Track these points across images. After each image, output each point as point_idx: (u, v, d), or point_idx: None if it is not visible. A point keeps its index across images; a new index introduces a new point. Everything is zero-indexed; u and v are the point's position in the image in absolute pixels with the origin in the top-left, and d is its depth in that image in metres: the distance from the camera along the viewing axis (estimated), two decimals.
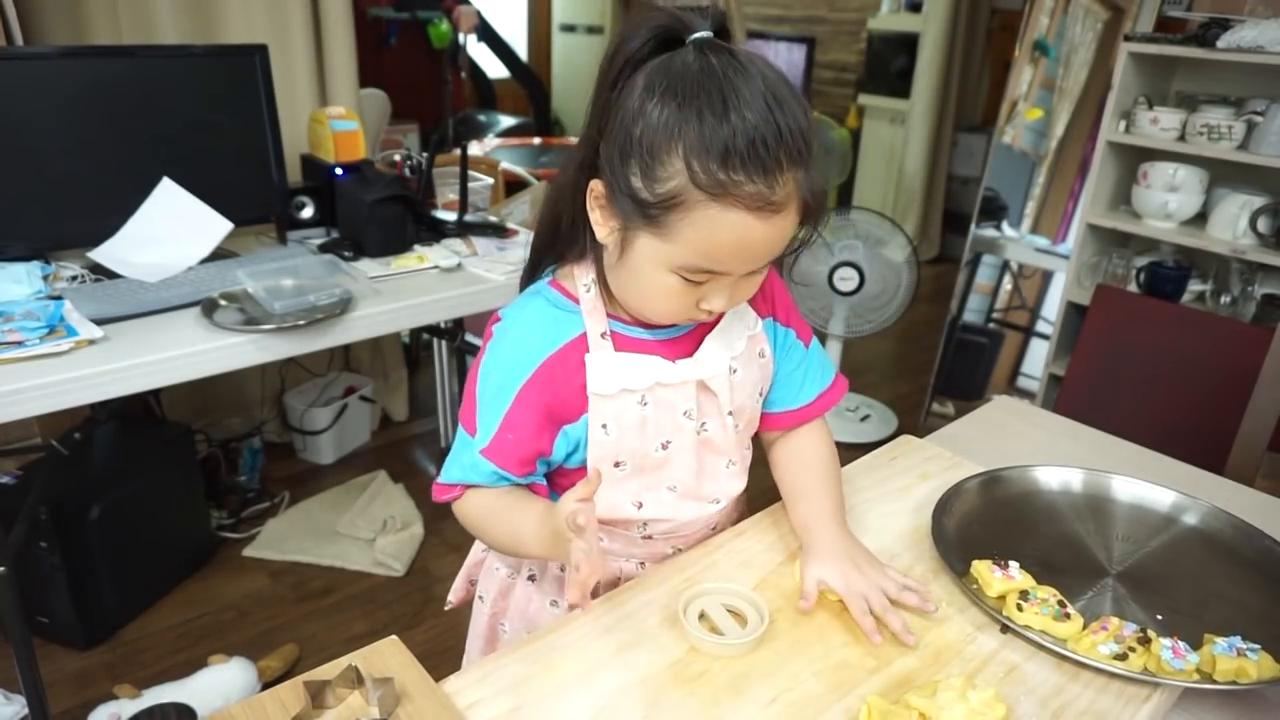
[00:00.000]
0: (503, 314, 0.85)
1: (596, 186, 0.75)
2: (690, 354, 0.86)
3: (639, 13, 0.74)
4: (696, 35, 0.70)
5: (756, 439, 0.97)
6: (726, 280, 0.75)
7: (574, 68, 6.10)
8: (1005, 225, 2.91)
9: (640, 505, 0.88)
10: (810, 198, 0.72)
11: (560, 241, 0.84)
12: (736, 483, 0.93)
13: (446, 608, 1.09)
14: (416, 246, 1.90)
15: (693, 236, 0.70)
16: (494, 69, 5.48)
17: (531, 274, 0.89)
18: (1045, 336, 2.76)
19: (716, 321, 0.87)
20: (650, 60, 0.71)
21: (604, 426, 0.83)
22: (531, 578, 0.97)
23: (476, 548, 1.05)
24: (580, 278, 0.84)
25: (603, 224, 0.77)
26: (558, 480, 0.89)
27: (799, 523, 0.92)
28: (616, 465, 0.85)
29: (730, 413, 0.88)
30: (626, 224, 0.73)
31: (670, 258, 0.72)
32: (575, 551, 0.67)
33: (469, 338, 2.33)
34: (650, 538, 0.92)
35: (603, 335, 0.82)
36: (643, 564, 0.94)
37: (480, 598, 1.02)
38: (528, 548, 0.80)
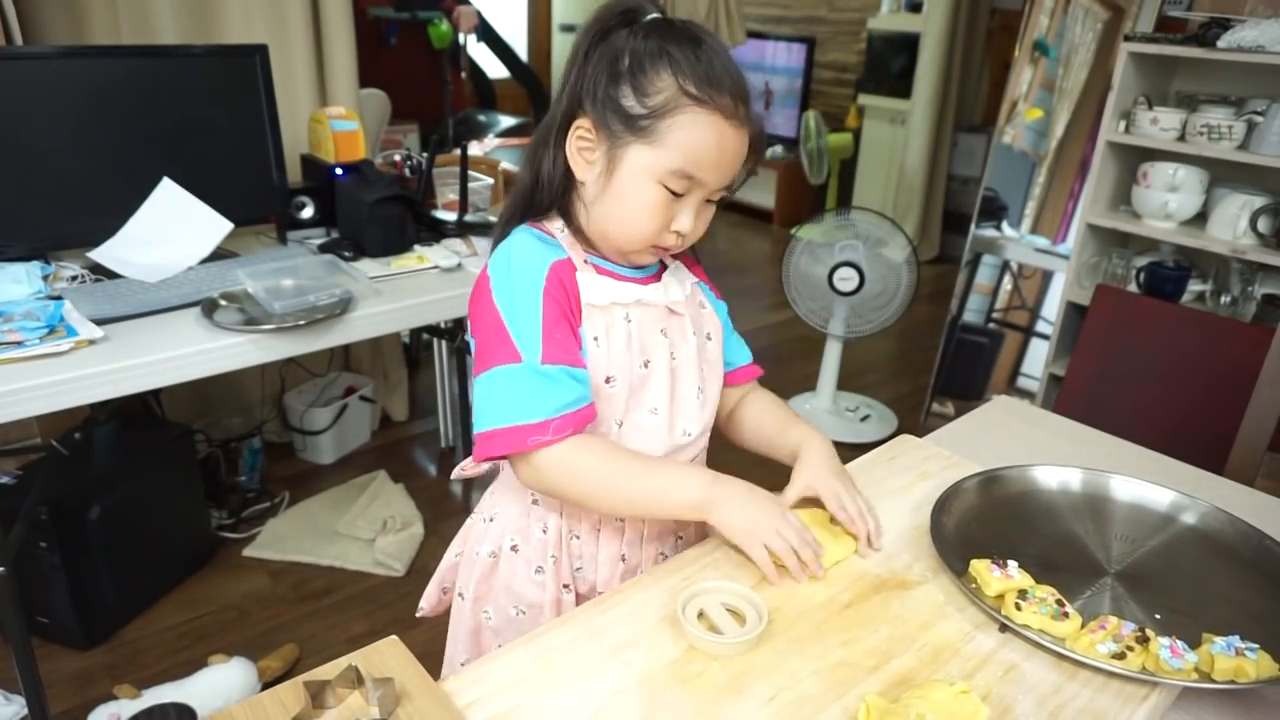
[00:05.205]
0: (491, 256, 0.91)
1: (582, 122, 0.85)
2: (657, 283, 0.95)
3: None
4: (652, 15, 0.85)
5: (715, 428, 1.04)
6: (695, 199, 0.86)
7: None
8: (1005, 225, 2.90)
9: (620, 424, 0.91)
10: (759, 133, 0.87)
11: (536, 195, 0.91)
12: (704, 413, 0.97)
13: (419, 614, 1.09)
14: (416, 246, 1.90)
15: (681, 139, 0.82)
16: (494, 69, 5.48)
17: (503, 233, 0.94)
18: (1045, 336, 2.76)
19: (665, 267, 0.97)
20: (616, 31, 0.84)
21: (595, 339, 0.88)
22: (514, 548, 0.97)
23: (449, 554, 1.04)
24: (551, 222, 0.92)
25: (586, 160, 0.86)
26: None
27: (794, 442, 0.99)
28: (607, 381, 0.90)
29: (694, 333, 0.95)
30: (615, 143, 0.84)
31: (658, 164, 0.83)
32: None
33: (469, 338, 2.33)
34: None
35: (585, 261, 0.90)
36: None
37: (460, 595, 1.02)
38: (671, 503, 0.87)
